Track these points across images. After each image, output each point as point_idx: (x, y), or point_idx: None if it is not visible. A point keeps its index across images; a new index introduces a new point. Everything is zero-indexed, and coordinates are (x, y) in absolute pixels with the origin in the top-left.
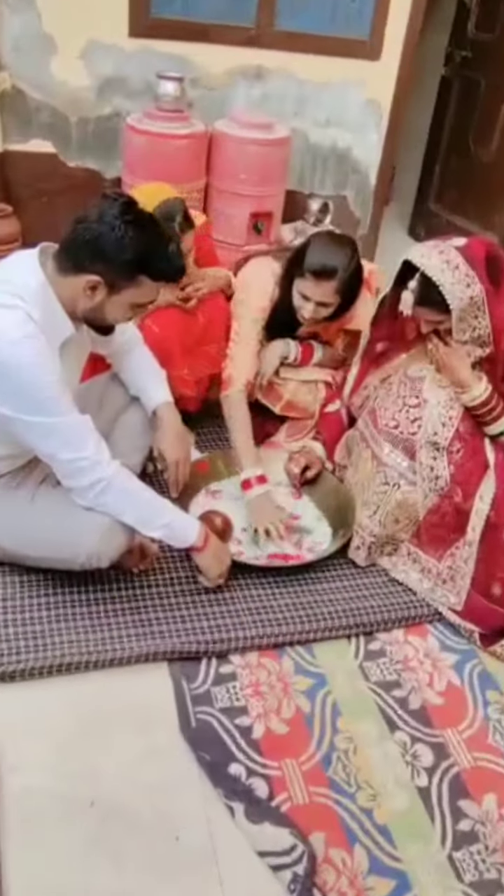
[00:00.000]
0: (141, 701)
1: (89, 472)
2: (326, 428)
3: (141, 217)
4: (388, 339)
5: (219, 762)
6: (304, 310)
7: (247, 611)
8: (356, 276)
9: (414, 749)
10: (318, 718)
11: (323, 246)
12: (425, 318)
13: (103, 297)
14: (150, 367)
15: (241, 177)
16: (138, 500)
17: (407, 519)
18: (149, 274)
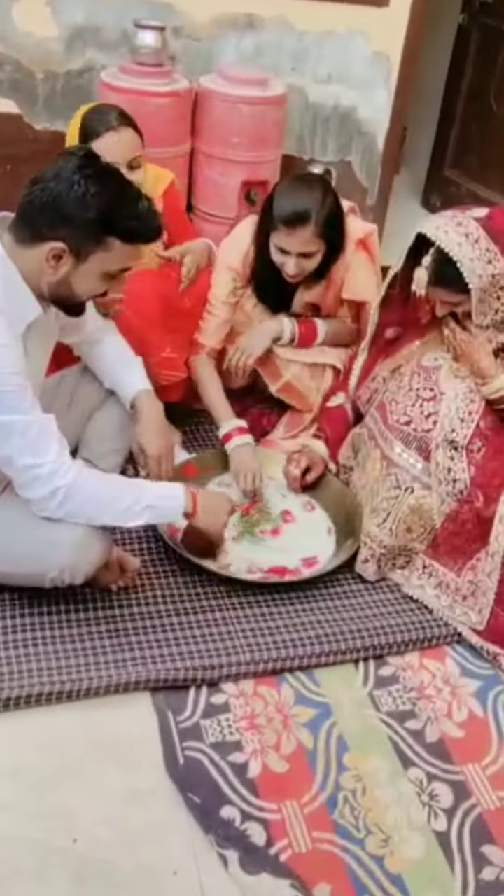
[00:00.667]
0: (121, 736)
1: (46, 482)
2: (329, 424)
3: (104, 170)
4: (399, 325)
5: (210, 805)
6: (287, 266)
7: (240, 633)
8: (334, 214)
9: (431, 788)
10: (322, 754)
11: (289, 190)
12: (441, 300)
13: (70, 268)
14: (124, 355)
15: (232, 140)
16: (110, 495)
17: (421, 527)
18: (118, 234)
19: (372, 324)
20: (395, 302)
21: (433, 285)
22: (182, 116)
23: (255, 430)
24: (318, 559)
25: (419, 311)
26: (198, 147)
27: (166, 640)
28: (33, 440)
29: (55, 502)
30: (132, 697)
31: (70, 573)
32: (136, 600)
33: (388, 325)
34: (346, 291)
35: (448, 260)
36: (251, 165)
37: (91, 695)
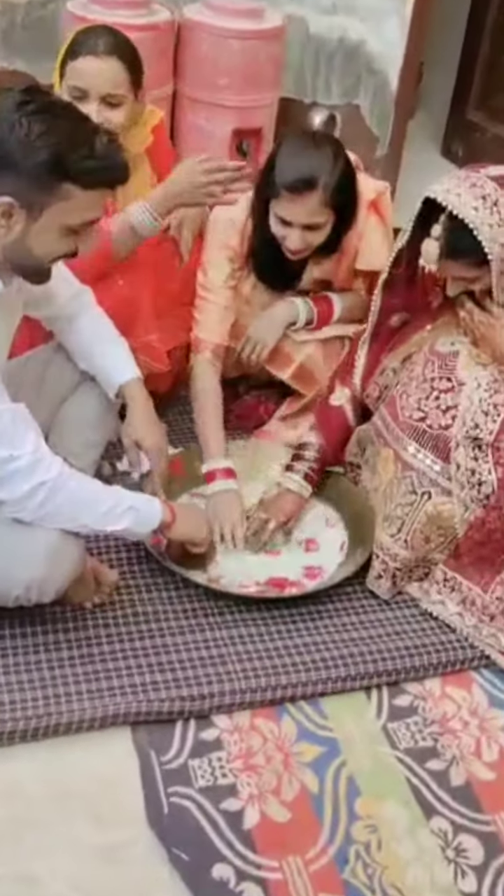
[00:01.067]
0: (94, 782)
1: (28, 476)
2: (325, 426)
3: (49, 105)
4: (405, 310)
5: (199, 863)
6: (289, 240)
7: (234, 656)
8: (346, 179)
9: (457, 841)
10: (329, 800)
11: (294, 150)
12: (454, 275)
13: (23, 226)
14: (108, 334)
15: (221, 82)
16: (92, 495)
17: (441, 537)
18: (74, 179)
19: (374, 310)
20: (400, 283)
21: (445, 258)
22: (162, 53)
23: (250, 420)
24: (324, 569)
25: (429, 293)
26: (181, 90)
27: (149, 666)
28: (6, 430)
29: (36, 500)
30: (108, 734)
31: (38, 590)
32: (114, 620)
33: (392, 311)
34: (361, 262)
35: (463, 227)
36: (243, 111)
37: (60, 732)
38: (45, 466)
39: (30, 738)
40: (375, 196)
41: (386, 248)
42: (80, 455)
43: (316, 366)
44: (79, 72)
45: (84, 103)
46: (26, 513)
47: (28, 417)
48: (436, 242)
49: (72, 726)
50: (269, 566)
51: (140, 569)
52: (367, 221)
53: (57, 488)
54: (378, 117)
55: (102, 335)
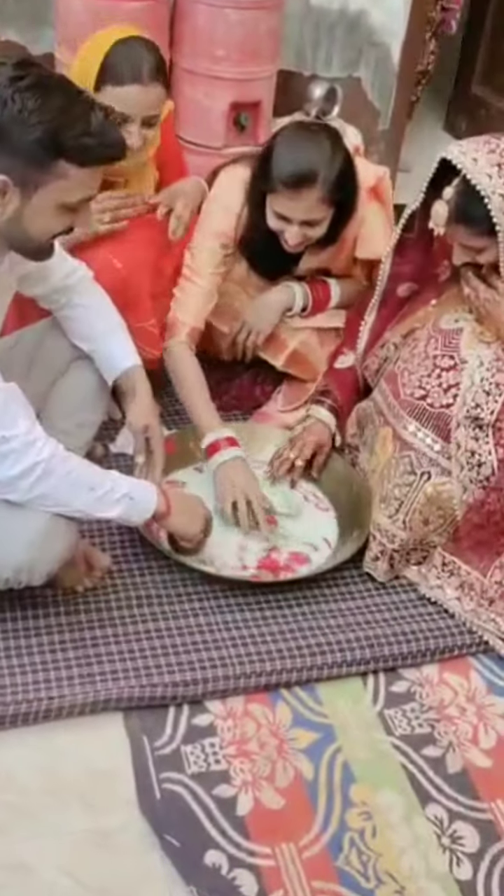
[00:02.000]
0: (86, 768)
1: (21, 457)
2: (339, 387)
3: (43, 79)
4: (414, 280)
5: (192, 849)
6: (288, 234)
7: (228, 641)
8: (346, 173)
9: (453, 829)
10: (324, 787)
11: (292, 144)
12: (462, 243)
13: (18, 204)
14: (107, 316)
15: (218, 53)
16: (87, 478)
17: (440, 518)
18: (70, 156)
19: (383, 275)
20: (412, 250)
21: (454, 222)
22: (158, 25)
23: (246, 402)
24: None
25: (438, 264)
26: (177, 62)
27: (141, 651)
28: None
29: (28, 481)
30: (100, 720)
31: (28, 572)
32: (106, 604)
33: (400, 280)
34: (361, 250)
35: (475, 193)
36: (241, 84)
37: (51, 717)
38: (38, 448)
39: (20, 723)
40: (375, 182)
41: (387, 233)
42: (72, 435)
43: (311, 350)
44: (123, 99)
45: (125, 126)
46: (18, 494)
47: (20, 397)
48: (446, 205)
49: (63, 711)
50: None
51: (133, 552)
52: (367, 208)
53: (50, 470)
54: (380, 91)
55: (103, 317)
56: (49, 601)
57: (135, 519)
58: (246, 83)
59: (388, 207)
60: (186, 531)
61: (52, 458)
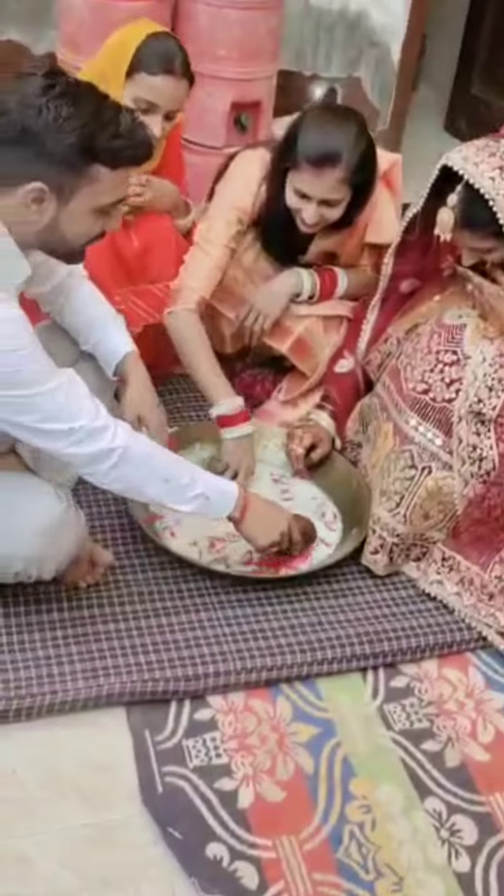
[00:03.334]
0: (88, 762)
1: (91, 442)
2: (338, 392)
3: (73, 86)
4: (417, 276)
5: (193, 842)
6: (305, 213)
7: (229, 636)
8: (367, 158)
9: (451, 822)
10: (324, 780)
11: (319, 123)
12: (469, 246)
13: (55, 210)
14: (103, 309)
15: (218, 53)
16: (167, 465)
17: (441, 513)
18: (103, 160)
19: (385, 275)
20: (413, 249)
21: (460, 228)
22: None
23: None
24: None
25: (441, 260)
26: None
27: (143, 646)
28: (62, 407)
29: (107, 464)
30: (102, 714)
31: (38, 566)
32: (108, 599)
33: (403, 277)
34: (371, 234)
35: (479, 197)
36: (241, 84)
37: (54, 712)
38: (109, 435)
39: (24, 717)
40: (388, 167)
41: (395, 219)
42: None
43: (314, 339)
44: (155, 89)
45: (149, 115)
46: (98, 475)
47: (80, 384)
48: (451, 211)
49: (66, 706)
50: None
51: (135, 549)
52: (380, 194)
53: (127, 456)
54: (380, 91)
55: (100, 311)
56: (52, 597)
57: (210, 516)
58: (246, 83)
59: (396, 194)
60: (256, 541)
61: (128, 445)
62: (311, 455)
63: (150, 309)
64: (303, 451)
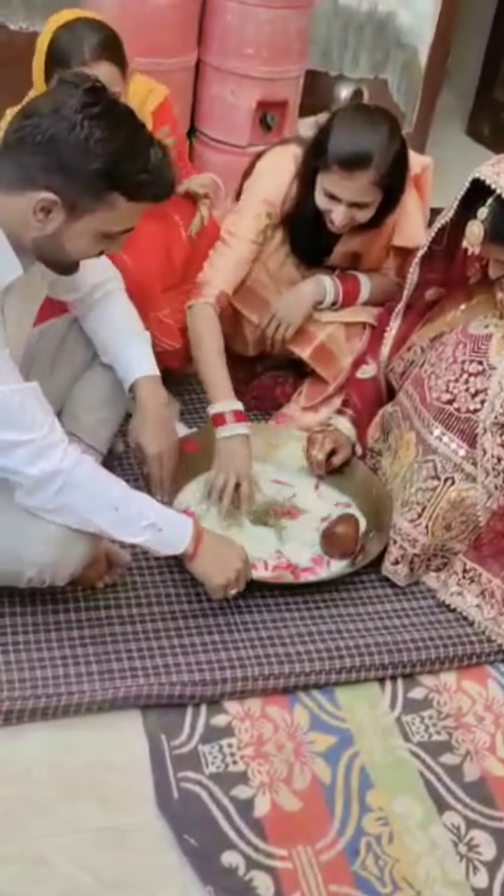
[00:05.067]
0: (104, 765)
1: (35, 460)
2: (359, 398)
3: (113, 109)
4: (442, 285)
5: (209, 849)
6: (335, 214)
7: (247, 642)
8: (399, 161)
9: (470, 836)
10: (341, 791)
11: (351, 124)
12: (497, 259)
13: (60, 224)
14: (129, 326)
15: (246, 52)
16: (116, 495)
17: (463, 524)
18: (123, 190)
19: (410, 283)
20: (439, 258)
21: (490, 241)
22: (187, 21)
23: (266, 402)
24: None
25: (468, 268)
26: (205, 59)
27: (160, 649)
28: (13, 413)
29: (50, 490)
30: (118, 717)
31: (51, 573)
32: (126, 601)
33: (428, 285)
34: (398, 237)
35: None
36: (268, 83)
37: (70, 713)
38: (59, 456)
39: (39, 717)
40: (420, 170)
41: (423, 224)
42: (93, 432)
43: (337, 346)
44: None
45: None
46: (40, 501)
47: (41, 399)
48: (481, 225)
49: (82, 707)
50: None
51: None
52: (409, 196)
53: (73, 480)
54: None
55: (124, 329)
56: (69, 597)
57: (161, 551)
58: (273, 82)
59: (424, 198)
60: (211, 579)
61: (75, 468)
62: (332, 460)
63: None
64: (323, 458)
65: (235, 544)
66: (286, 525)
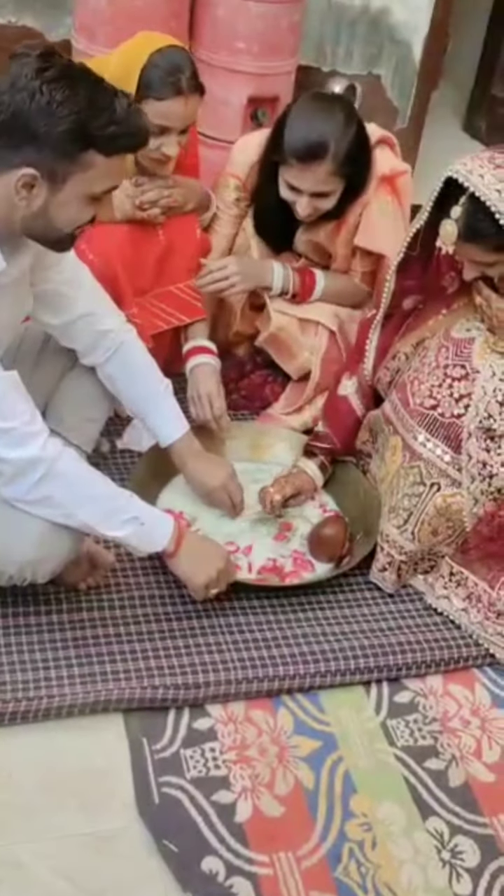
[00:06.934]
0: (84, 769)
1: (15, 447)
2: (333, 418)
3: (67, 70)
4: (420, 292)
5: (189, 855)
6: (298, 205)
7: (231, 645)
8: (358, 146)
9: (454, 843)
10: (324, 796)
11: (304, 115)
12: (472, 259)
13: (45, 197)
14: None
15: (237, 46)
16: (99, 489)
17: (449, 530)
18: (98, 146)
19: (387, 292)
20: (415, 265)
21: (463, 241)
22: (176, 15)
23: (255, 400)
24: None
25: (443, 277)
26: (195, 54)
27: (143, 652)
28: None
29: (30, 479)
30: (99, 720)
31: (32, 570)
32: (109, 602)
33: (406, 294)
34: (361, 237)
35: (484, 210)
36: (260, 78)
37: (50, 716)
38: (40, 443)
39: (19, 720)
40: (390, 172)
41: (395, 233)
42: (79, 430)
43: (292, 338)
44: (166, 113)
45: (163, 137)
46: (21, 491)
47: (21, 387)
48: (455, 223)
49: (63, 710)
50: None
51: None
52: (376, 195)
53: (54, 472)
54: (400, 89)
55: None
56: (51, 598)
57: (143, 547)
58: (265, 77)
59: (402, 206)
60: (192, 578)
61: (58, 457)
62: (289, 502)
63: (170, 310)
64: (281, 499)
65: (217, 544)
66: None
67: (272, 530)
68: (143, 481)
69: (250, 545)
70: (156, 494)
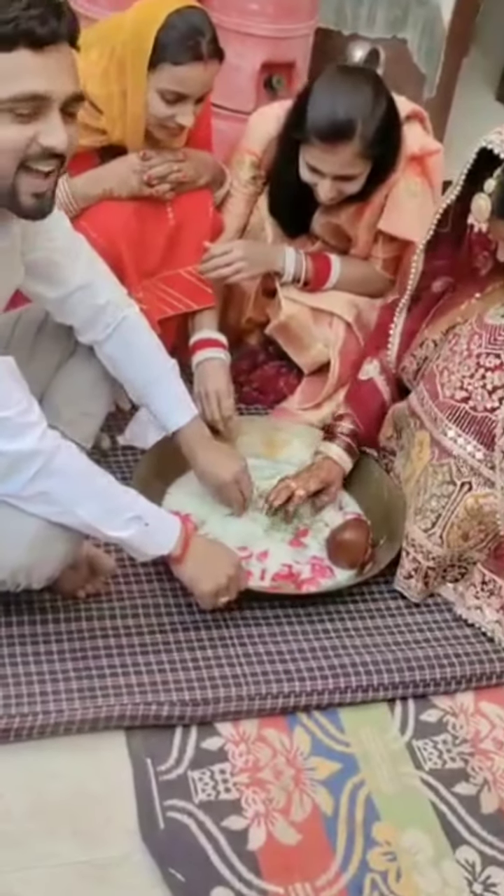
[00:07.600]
0: (82, 792)
1: (14, 439)
2: (358, 404)
3: None
4: (450, 274)
5: (197, 885)
6: (320, 188)
7: (243, 658)
8: (388, 124)
9: (486, 874)
10: (344, 823)
11: (329, 91)
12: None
13: None
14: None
15: (250, 7)
16: (96, 485)
17: (482, 533)
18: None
19: (415, 273)
20: (446, 244)
21: (498, 217)
22: None
23: (268, 394)
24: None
25: (475, 257)
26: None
27: (147, 665)
28: None
29: (27, 473)
30: (99, 739)
31: (27, 574)
32: (110, 611)
33: (435, 275)
34: (385, 222)
35: None
36: (275, 42)
37: (46, 734)
38: (38, 434)
39: (12, 738)
40: (420, 152)
41: (423, 217)
42: (76, 425)
43: (302, 328)
44: (183, 79)
45: (179, 105)
46: (17, 484)
47: (16, 374)
48: (488, 198)
49: (59, 728)
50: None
51: None
52: (403, 176)
53: (53, 466)
54: (427, 55)
55: (158, 370)
56: (47, 607)
57: (146, 550)
58: (280, 41)
59: (432, 188)
60: (197, 586)
61: (56, 450)
62: (318, 499)
63: (178, 294)
64: (304, 494)
65: (228, 548)
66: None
67: (287, 535)
68: (146, 480)
69: (265, 550)
70: (160, 495)
